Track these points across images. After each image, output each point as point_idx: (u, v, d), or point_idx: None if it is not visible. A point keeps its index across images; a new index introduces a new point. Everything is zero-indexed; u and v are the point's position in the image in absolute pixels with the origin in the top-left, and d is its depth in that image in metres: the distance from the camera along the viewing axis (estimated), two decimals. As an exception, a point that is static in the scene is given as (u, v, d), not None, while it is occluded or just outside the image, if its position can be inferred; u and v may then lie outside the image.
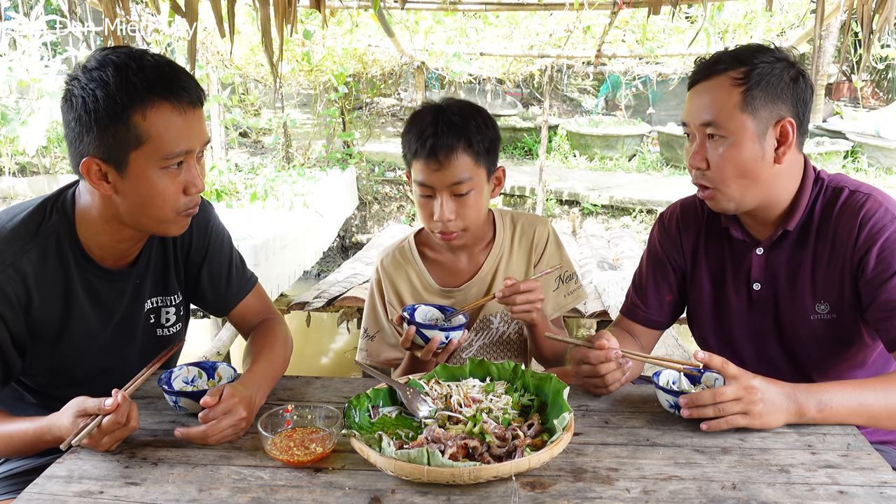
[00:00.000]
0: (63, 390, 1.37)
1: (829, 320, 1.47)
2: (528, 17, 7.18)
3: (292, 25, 2.64)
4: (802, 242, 1.48)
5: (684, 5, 4.83)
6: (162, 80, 1.25)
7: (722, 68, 1.40)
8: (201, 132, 1.33)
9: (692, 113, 1.45)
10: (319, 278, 6.33)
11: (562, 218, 8.79)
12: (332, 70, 7.43)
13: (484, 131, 1.62)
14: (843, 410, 1.26)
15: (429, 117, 1.60)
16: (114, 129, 1.24)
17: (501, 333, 1.84)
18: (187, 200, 1.34)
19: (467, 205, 1.63)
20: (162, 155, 1.27)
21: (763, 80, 1.37)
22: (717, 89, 1.40)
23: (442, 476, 1.06)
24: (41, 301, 1.37)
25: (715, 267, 1.61)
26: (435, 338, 1.51)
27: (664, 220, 1.71)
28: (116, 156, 1.26)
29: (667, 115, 12.69)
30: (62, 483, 1.14)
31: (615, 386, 1.39)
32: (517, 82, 8.78)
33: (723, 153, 1.40)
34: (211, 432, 1.23)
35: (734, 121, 1.38)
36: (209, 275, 1.61)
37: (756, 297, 1.54)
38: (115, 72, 1.23)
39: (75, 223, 1.39)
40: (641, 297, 1.72)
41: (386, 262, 1.84)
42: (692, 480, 1.11)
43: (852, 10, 2.93)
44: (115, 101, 1.22)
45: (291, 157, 8.60)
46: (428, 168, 1.59)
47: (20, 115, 5.74)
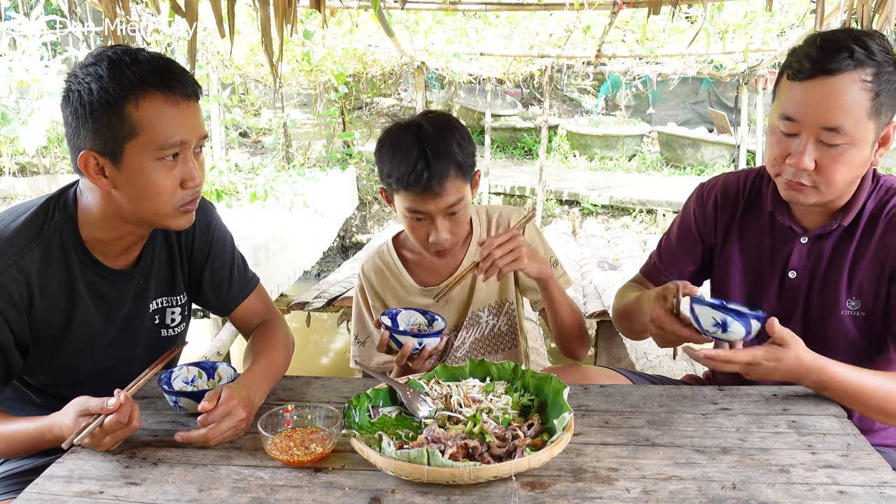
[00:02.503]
0: (66, 390, 1.37)
1: (857, 317, 1.46)
2: (528, 17, 7.18)
3: (292, 25, 2.64)
4: (848, 237, 1.46)
5: (684, 5, 4.83)
6: (155, 72, 1.27)
7: (850, 64, 1.26)
8: (197, 125, 1.33)
9: (812, 112, 1.30)
10: (319, 278, 6.33)
11: (562, 218, 8.79)
12: (332, 70, 7.44)
13: (466, 147, 1.60)
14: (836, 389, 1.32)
15: (414, 148, 1.54)
16: (108, 120, 1.25)
17: (492, 327, 1.84)
18: (185, 194, 1.34)
19: (459, 221, 1.63)
20: (156, 145, 1.28)
21: (890, 85, 1.28)
22: (845, 91, 1.27)
23: (442, 476, 1.06)
24: (44, 301, 1.36)
25: (750, 248, 1.58)
26: (407, 344, 1.51)
27: (703, 193, 1.66)
28: (112, 148, 1.27)
29: (667, 115, 12.70)
30: (62, 483, 1.14)
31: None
32: (517, 82, 8.78)
33: (839, 157, 1.31)
34: (211, 435, 1.23)
35: (860, 127, 1.29)
36: (211, 275, 1.61)
37: (789, 284, 1.52)
38: (108, 65, 1.25)
39: (78, 222, 1.39)
40: (664, 262, 1.71)
41: (367, 267, 1.85)
42: (692, 480, 1.11)
43: (852, 10, 2.93)
44: (108, 93, 1.24)
45: (291, 157, 8.60)
46: (422, 198, 1.56)
47: (20, 115, 5.74)
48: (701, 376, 1.89)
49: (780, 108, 1.35)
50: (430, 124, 1.60)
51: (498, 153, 11.80)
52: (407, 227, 1.67)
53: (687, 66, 7.78)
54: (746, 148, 9.31)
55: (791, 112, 1.33)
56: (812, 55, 1.29)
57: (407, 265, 1.81)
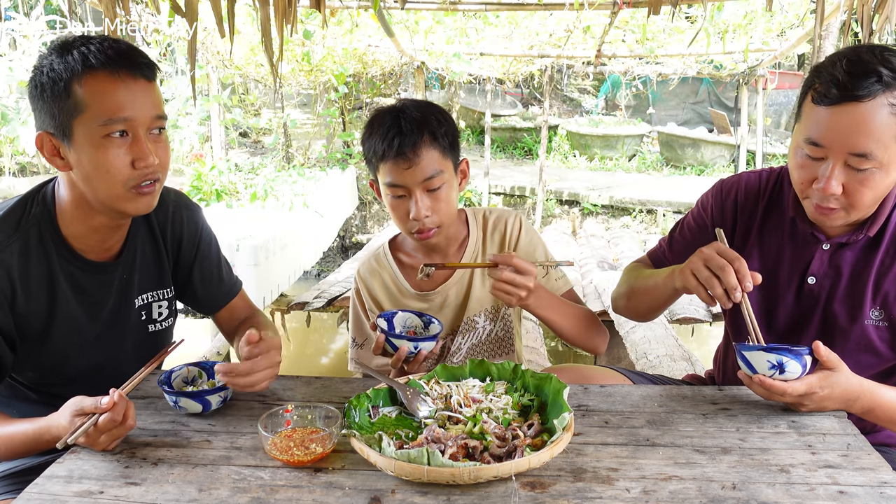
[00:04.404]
0: (58, 388, 1.37)
1: (880, 328, 1.44)
2: (528, 17, 7.19)
3: (292, 25, 2.64)
4: (873, 246, 1.44)
5: (684, 5, 4.83)
6: (102, 52, 1.30)
7: (878, 89, 1.23)
8: (147, 104, 1.34)
9: (839, 139, 1.27)
10: (319, 278, 6.33)
11: (562, 218, 8.79)
12: (332, 70, 7.44)
13: (445, 124, 1.61)
14: (881, 413, 1.32)
15: (388, 119, 1.59)
16: (57, 99, 1.29)
17: (489, 332, 1.82)
18: (136, 174, 1.34)
19: (441, 199, 1.62)
20: (99, 121, 1.29)
21: None
22: (875, 117, 1.24)
23: (442, 476, 1.06)
24: (25, 295, 1.38)
25: (769, 252, 1.56)
26: (403, 348, 1.50)
27: (722, 191, 1.64)
28: (62, 126, 1.30)
29: (667, 115, 12.70)
30: (62, 483, 1.14)
31: (718, 292, 1.31)
32: (517, 82, 8.78)
33: (866, 181, 1.29)
34: (255, 368, 1.29)
35: (889, 151, 1.26)
36: (201, 273, 1.66)
37: (807, 290, 1.50)
38: (60, 49, 1.30)
39: (56, 215, 1.41)
40: (674, 252, 1.70)
41: (363, 270, 1.85)
42: (692, 480, 1.11)
43: (852, 10, 2.93)
44: (55, 72, 1.28)
45: (291, 157, 8.61)
46: (398, 168, 1.57)
47: (20, 115, 5.74)
48: (703, 375, 1.89)
49: (805, 132, 1.32)
50: (408, 103, 1.64)
51: (498, 153, 11.80)
52: (390, 207, 1.66)
53: (687, 66, 7.78)
54: (746, 148, 9.31)
55: (818, 137, 1.30)
56: (839, 80, 1.25)
57: (402, 268, 1.81)
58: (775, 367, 1.25)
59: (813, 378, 1.26)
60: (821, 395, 1.26)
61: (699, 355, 3.48)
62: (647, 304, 1.65)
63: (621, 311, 1.77)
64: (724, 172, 10.36)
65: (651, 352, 3.39)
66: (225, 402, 1.38)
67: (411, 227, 1.63)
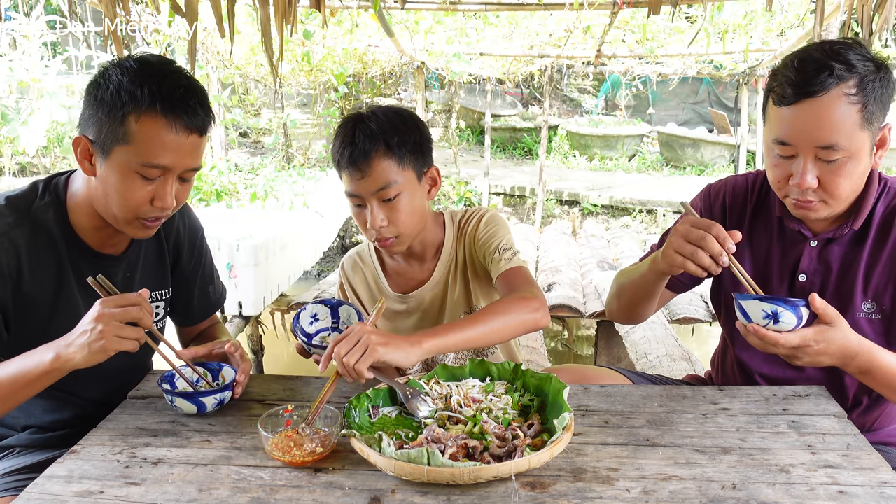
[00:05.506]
0: None
1: (873, 320, 1.45)
2: (528, 17, 7.18)
3: (292, 25, 2.64)
4: (860, 240, 1.46)
5: (684, 5, 4.83)
6: (169, 95, 1.30)
7: (832, 82, 1.27)
8: (188, 158, 1.36)
9: (804, 135, 1.31)
10: (319, 278, 6.33)
11: (562, 218, 8.80)
12: (332, 70, 7.44)
13: (404, 134, 1.58)
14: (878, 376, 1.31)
15: (347, 128, 1.58)
16: (111, 121, 1.30)
17: None
18: (151, 210, 1.37)
19: (398, 209, 1.59)
20: (140, 160, 1.31)
21: (875, 93, 1.29)
22: (832, 109, 1.28)
23: (442, 476, 1.06)
24: (32, 277, 1.39)
25: (759, 253, 1.58)
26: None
27: (710, 195, 1.66)
28: (104, 144, 1.32)
29: (667, 115, 12.70)
30: (62, 483, 1.14)
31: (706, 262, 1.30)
32: (517, 82, 8.78)
33: (839, 171, 1.32)
34: None
35: (855, 140, 1.30)
36: (201, 280, 1.72)
37: (799, 287, 1.51)
38: (134, 73, 1.30)
39: (66, 206, 1.43)
40: None
41: (346, 263, 1.86)
42: (692, 480, 1.11)
43: (852, 10, 2.93)
44: (119, 96, 1.29)
45: (291, 157, 8.61)
46: (352, 178, 1.57)
47: (20, 115, 5.74)
48: (703, 376, 1.89)
49: (773, 133, 1.36)
50: (376, 110, 1.62)
51: (498, 153, 11.80)
52: (353, 215, 1.67)
53: (687, 66, 7.78)
54: (746, 148, 9.32)
55: (784, 136, 1.34)
56: (792, 79, 1.30)
57: (385, 269, 1.81)
58: (770, 317, 1.26)
59: (808, 331, 1.26)
60: (815, 349, 1.27)
61: (699, 355, 3.48)
62: (636, 298, 1.65)
63: (615, 315, 1.77)
64: (724, 172, 10.37)
65: (651, 352, 3.39)
66: (221, 404, 1.38)
67: (369, 235, 1.63)
